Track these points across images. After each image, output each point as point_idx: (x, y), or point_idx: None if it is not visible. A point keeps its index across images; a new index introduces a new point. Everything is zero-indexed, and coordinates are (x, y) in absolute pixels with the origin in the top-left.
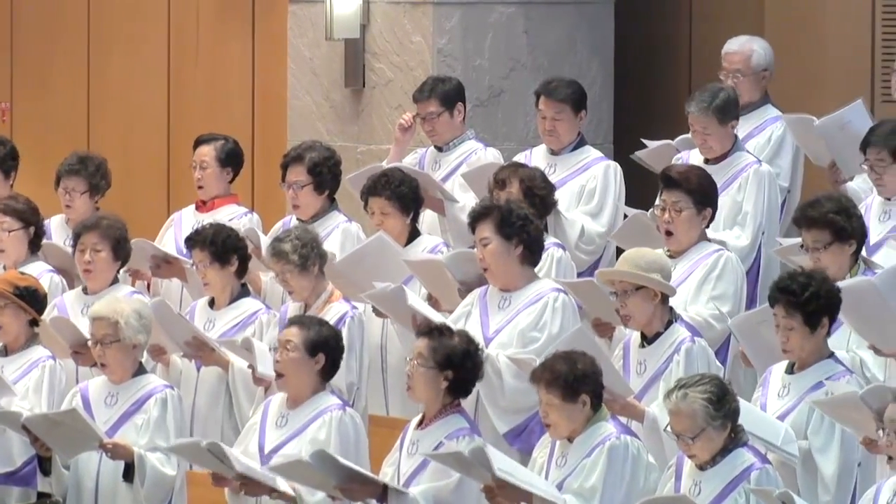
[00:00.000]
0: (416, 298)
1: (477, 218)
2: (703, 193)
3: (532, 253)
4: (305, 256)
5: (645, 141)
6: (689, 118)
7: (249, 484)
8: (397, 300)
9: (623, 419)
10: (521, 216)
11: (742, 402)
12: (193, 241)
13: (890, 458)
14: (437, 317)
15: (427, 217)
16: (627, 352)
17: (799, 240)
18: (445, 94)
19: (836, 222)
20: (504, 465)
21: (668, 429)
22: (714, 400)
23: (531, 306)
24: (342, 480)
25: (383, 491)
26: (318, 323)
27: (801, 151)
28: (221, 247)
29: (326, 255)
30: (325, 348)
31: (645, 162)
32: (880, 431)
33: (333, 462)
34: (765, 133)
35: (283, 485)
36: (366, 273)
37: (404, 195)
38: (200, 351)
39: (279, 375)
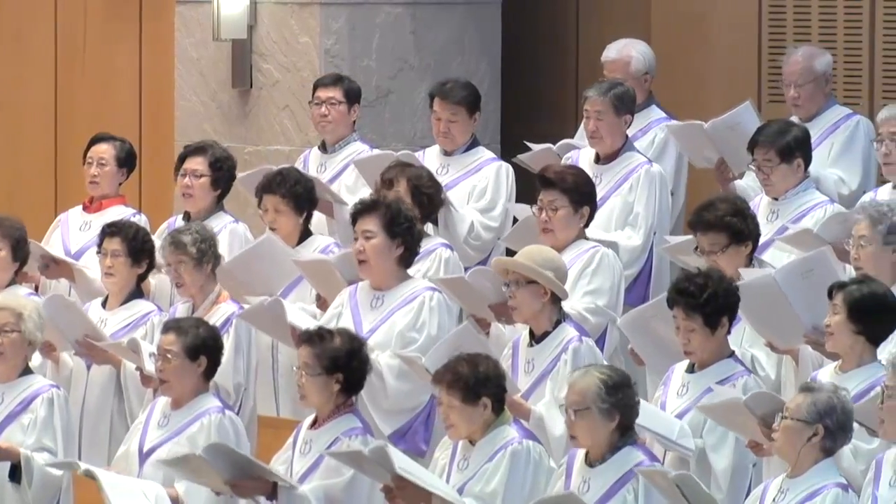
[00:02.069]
0: (295, 312)
1: (363, 210)
2: (579, 192)
3: (410, 255)
4: (203, 252)
5: (528, 143)
6: (586, 104)
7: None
8: (275, 314)
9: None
10: (407, 217)
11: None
12: (111, 231)
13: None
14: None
15: (314, 219)
16: (516, 351)
17: (688, 237)
18: (349, 89)
19: (733, 225)
20: (405, 464)
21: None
22: (609, 384)
23: (407, 306)
24: (234, 475)
25: (273, 489)
26: (195, 325)
27: (685, 156)
28: (140, 246)
29: (221, 258)
30: (205, 350)
31: (527, 165)
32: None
33: (228, 455)
34: (648, 135)
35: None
36: (255, 274)
37: (299, 195)
38: (91, 350)
39: (163, 381)
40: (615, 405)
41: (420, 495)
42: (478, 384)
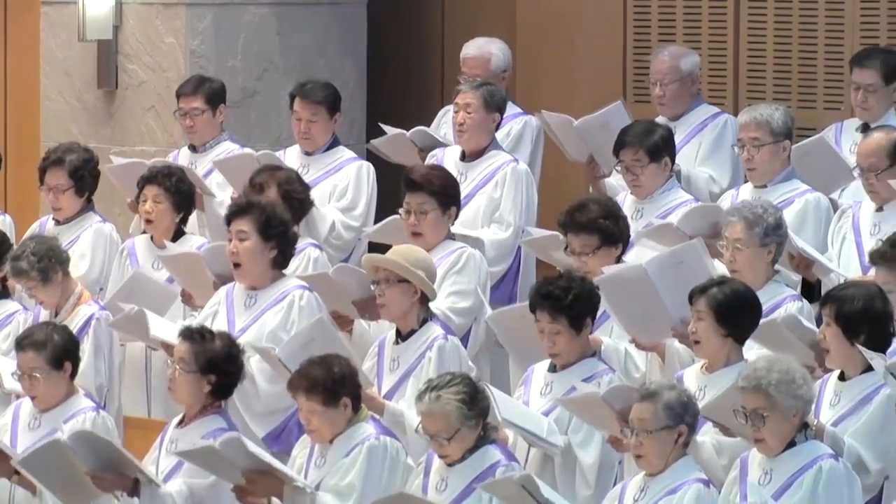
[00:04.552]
0: (158, 323)
1: (238, 212)
2: (446, 194)
3: (284, 258)
4: (45, 269)
5: (383, 126)
6: (457, 97)
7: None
8: (139, 323)
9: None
10: (282, 221)
11: (502, 396)
12: None
13: (637, 456)
14: (174, 340)
15: None
16: (382, 349)
17: (550, 232)
18: (211, 93)
19: (605, 227)
20: (258, 451)
21: (420, 429)
22: (468, 400)
23: (277, 305)
24: (98, 468)
25: (135, 485)
26: (49, 334)
27: (538, 148)
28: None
29: (68, 258)
30: (67, 355)
31: (380, 151)
32: (627, 430)
33: (93, 444)
34: (504, 129)
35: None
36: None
37: (181, 192)
38: None
39: (32, 396)
40: (478, 415)
41: (272, 487)
42: (336, 385)
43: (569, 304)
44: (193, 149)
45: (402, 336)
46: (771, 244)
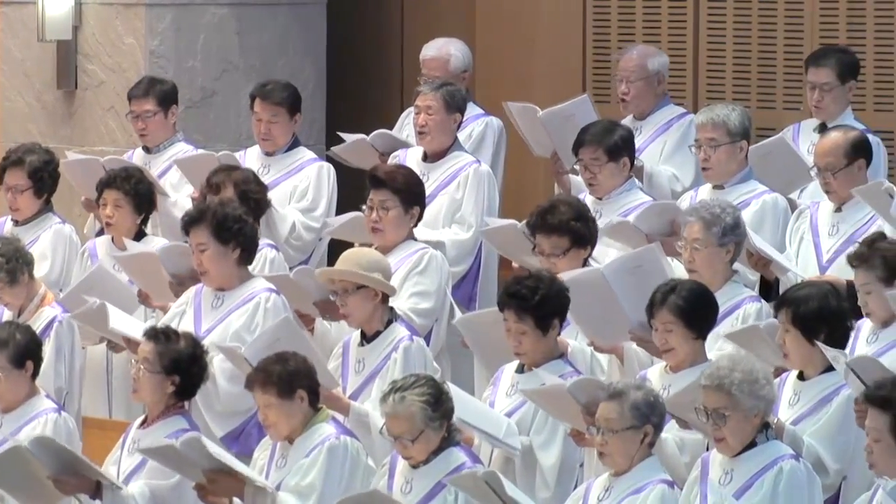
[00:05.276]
0: (119, 318)
1: (191, 223)
2: (409, 192)
3: (249, 253)
4: (12, 271)
5: (342, 135)
6: (417, 99)
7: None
8: (100, 317)
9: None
10: (235, 218)
11: (462, 395)
12: None
13: (601, 454)
14: (137, 336)
15: None
16: (347, 350)
17: (507, 221)
18: (163, 95)
19: (576, 229)
20: (218, 451)
21: (384, 431)
22: (432, 402)
23: (243, 306)
24: (59, 471)
25: (97, 488)
26: (10, 333)
27: (501, 150)
28: None
29: (33, 259)
30: (29, 354)
31: (342, 157)
32: (592, 428)
33: (54, 450)
34: (465, 130)
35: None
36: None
37: (141, 194)
38: None
39: None
40: (443, 416)
41: (233, 487)
42: (290, 377)
43: (536, 304)
44: (147, 150)
45: (367, 338)
46: (729, 244)
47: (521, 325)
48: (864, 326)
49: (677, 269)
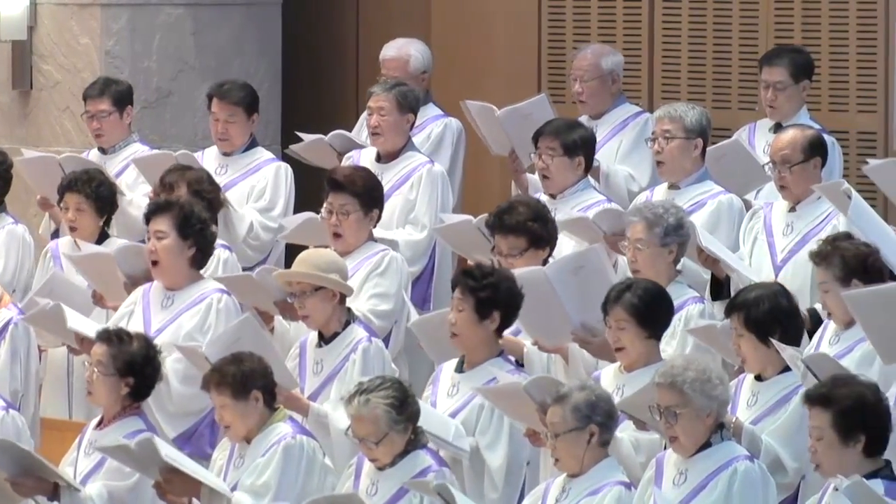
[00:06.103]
0: (76, 318)
1: (156, 210)
2: (369, 195)
3: (203, 257)
4: None
5: (300, 134)
6: (370, 100)
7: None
8: (56, 318)
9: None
10: (200, 219)
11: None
12: None
13: (554, 458)
14: (91, 334)
15: None
16: (304, 351)
17: (463, 217)
18: (118, 95)
19: (534, 230)
20: (172, 453)
21: (350, 433)
22: (397, 405)
23: (195, 307)
24: (15, 473)
25: (55, 489)
26: None
27: (459, 151)
28: None
29: None
30: None
31: (300, 156)
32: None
33: (10, 451)
34: (425, 131)
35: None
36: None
37: (103, 196)
38: None
39: None
40: (408, 419)
41: (188, 487)
42: (245, 378)
43: (481, 286)
44: (103, 151)
45: (325, 339)
46: (672, 244)
47: (461, 303)
48: (829, 328)
49: (620, 274)
